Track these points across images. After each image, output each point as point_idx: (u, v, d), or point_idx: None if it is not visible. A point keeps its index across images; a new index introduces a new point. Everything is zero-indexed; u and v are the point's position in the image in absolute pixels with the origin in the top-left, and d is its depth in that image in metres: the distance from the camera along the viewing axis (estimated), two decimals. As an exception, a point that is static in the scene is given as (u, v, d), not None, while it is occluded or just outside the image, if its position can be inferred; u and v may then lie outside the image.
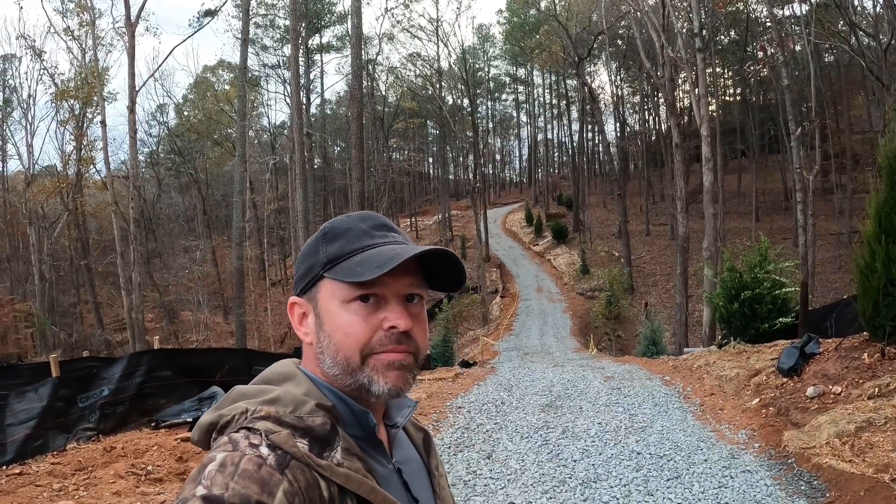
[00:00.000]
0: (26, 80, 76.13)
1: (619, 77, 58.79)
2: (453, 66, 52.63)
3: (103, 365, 9.02)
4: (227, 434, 0.92)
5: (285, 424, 0.92)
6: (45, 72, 37.83)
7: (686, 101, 48.15)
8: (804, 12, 30.18)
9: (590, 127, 63.46)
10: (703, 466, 6.75)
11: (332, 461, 0.91)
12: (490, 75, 74.31)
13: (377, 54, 48.53)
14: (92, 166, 36.87)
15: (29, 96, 40.71)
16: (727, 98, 57.97)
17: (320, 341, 1.02)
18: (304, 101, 40.14)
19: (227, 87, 48.89)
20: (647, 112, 63.08)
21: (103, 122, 25.13)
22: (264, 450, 0.87)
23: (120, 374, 8.77)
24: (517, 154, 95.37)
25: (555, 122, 76.64)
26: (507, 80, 76.10)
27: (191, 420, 8.47)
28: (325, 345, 1.01)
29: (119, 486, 6.17)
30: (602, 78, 66.67)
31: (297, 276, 1.08)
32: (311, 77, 49.57)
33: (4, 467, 6.73)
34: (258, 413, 0.93)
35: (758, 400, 8.99)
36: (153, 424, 8.63)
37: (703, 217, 23.96)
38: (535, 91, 75.34)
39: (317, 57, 52.02)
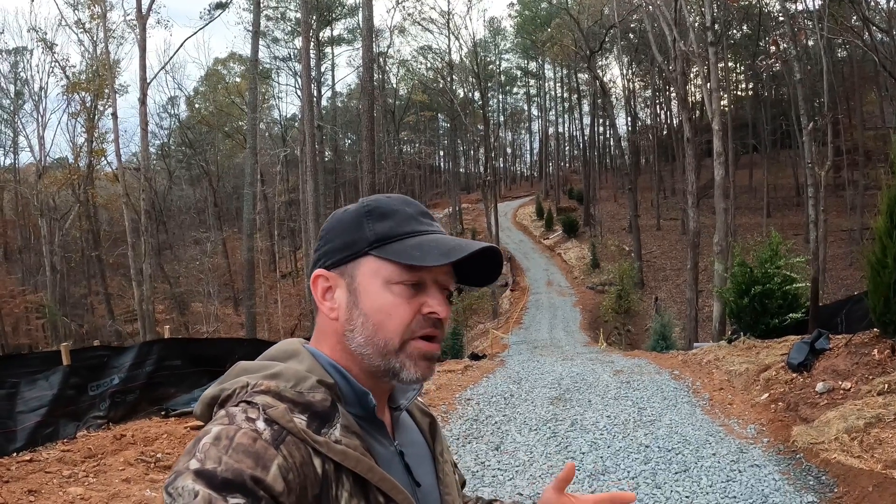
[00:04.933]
0: (38, 72, 75.93)
1: (630, 71, 58.55)
2: (464, 59, 52.70)
3: (114, 354, 9.05)
4: (226, 408, 0.92)
5: (285, 399, 0.91)
6: (57, 64, 37.78)
7: (698, 96, 47.91)
8: (817, 7, 30.01)
9: (601, 121, 63.21)
10: (712, 460, 6.75)
11: (329, 438, 0.91)
12: (501, 68, 74.23)
13: (388, 47, 48.77)
14: (103, 158, 36.90)
15: (40, 89, 40.88)
16: (739, 93, 57.60)
17: (353, 319, 1.00)
18: (315, 94, 40.15)
19: (238, 79, 49.09)
20: (658, 106, 62.72)
21: (114, 115, 25.29)
22: (261, 424, 0.86)
23: (130, 363, 8.80)
24: (528, 148, 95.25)
25: (566, 116, 76.56)
26: (519, 73, 75.96)
27: (200, 409, 8.50)
28: (360, 323, 0.99)
29: (128, 474, 6.22)
30: (613, 72, 66.57)
31: (327, 248, 1.04)
32: (322, 69, 49.65)
33: (15, 454, 6.78)
34: (258, 387, 0.93)
35: (767, 395, 8.97)
36: (163, 413, 8.67)
37: (714, 212, 23.88)
38: (547, 85, 75.19)
39: (328, 49, 52.11)
